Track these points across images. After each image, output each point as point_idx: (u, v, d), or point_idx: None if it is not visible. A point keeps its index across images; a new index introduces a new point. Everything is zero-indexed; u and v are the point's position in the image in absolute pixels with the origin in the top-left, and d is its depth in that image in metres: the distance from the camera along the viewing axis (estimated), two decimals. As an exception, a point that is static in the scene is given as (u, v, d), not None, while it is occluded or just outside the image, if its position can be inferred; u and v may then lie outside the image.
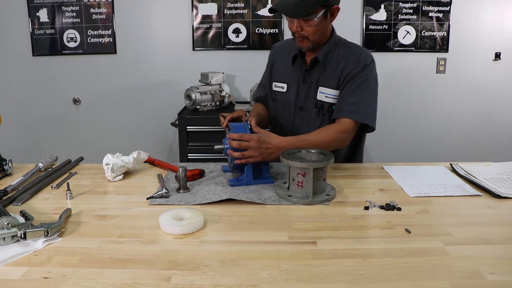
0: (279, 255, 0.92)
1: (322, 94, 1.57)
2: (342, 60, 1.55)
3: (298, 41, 1.52)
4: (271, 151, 1.34)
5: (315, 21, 1.44)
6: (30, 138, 3.31)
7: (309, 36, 1.48)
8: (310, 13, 1.42)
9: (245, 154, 1.32)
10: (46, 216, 1.12)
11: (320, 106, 1.57)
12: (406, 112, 3.23)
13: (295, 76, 1.63)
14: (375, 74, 1.58)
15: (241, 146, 1.32)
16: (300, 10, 1.41)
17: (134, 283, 0.81)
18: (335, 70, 1.55)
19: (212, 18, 3.07)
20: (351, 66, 1.52)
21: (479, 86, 3.18)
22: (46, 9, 3.07)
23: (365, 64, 1.52)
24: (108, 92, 3.23)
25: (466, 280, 0.82)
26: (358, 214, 1.14)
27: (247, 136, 1.32)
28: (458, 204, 1.21)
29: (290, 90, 1.64)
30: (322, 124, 1.58)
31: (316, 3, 1.40)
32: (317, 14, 1.42)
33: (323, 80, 1.57)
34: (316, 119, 1.59)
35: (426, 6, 3.04)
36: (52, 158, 1.57)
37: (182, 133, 2.70)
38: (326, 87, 1.56)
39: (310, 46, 1.51)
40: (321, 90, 1.57)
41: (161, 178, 1.40)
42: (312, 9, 1.41)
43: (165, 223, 1.03)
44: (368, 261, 0.89)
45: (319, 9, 1.42)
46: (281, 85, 1.67)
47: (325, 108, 1.57)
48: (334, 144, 1.47)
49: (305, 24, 1.46)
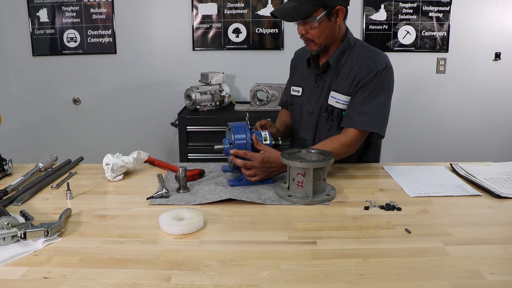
0: (279, 255, 0.92)
1: (333, 99, 1.53)
2: (356, 64, 1.50)
3: (307, 45, 1.53)
4: (274, 169, 1.35)
5: (316, 23, 1.43)
6: (30, 138, 3.31)
7: (314, 39, 1.47)
8: (308, 16, 1.41)
9: (250, 174, 1.33)
10: (46, 216, 1.12)
11: (330, 111, 1.54)
12: (406, 112, 3.22)
13: (309, 79, 1.63)
14: (389, 81, 1.51)
15: (246, 166, 1.32)
16: (297, 13, 1.41)
17: (134, 283, 0.81)
18: (348, 75, 1.51)
19: (212, 18, 3.07)
20: (363, 72, 1.48)
21: (479, 86, 3.18)
22: (46, 9, 3.07)
23: (378, 70, 1.46)
24: (108, 92, 3.23)
25: (466, 280, 0.82)
26: (358, 214, 1.14)
27: (251, 154, 1.33)
28: (458, 204, 1.21)
29: (304, 94, 1.64)
30: (331, 129, 1.56)
31: (315, 5, 1.40)
32: (317, 16, 1.41)
33: (336, 85, 1.54)
34: (325, 124, 1.57)
35: (426, 6, 3.04)
36: (52, 158, 1.57)
37: (182, 133, 2.70)
38: (338, 92, 1.52)
39: (318, 49, 1.50)
40: (332, 95, 1.54)
41: (161, 178, 1.40)
42: (310, 11, 1.40)
43: (165, 223, 1.03)
44: (368, 261, 0.89)
45: (320, 10, 1.41)
46: (297, 89, 1.67)
47: (335, 114, 1.54)
48: (339, 157, 1.44)
49: (307, 27, 1.45)
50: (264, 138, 1.40)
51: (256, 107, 2.82)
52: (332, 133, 1.55)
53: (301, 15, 1.41)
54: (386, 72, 1.48)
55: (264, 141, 1.39)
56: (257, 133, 1.40)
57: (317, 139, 1.59)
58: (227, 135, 1.41)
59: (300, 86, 1.66)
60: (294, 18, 1.43)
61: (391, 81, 1.52)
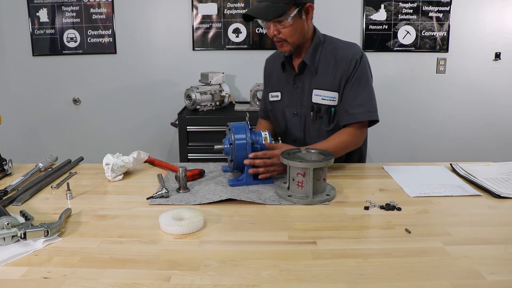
0: (279, 255, 0.92)
1: (318, 97, 1.56)
2: (332, 59, 1.54)
3: (279, 46, 1.52)
4: None
5: (290, 21, 1.43)
6: (30, 138, 3.31)
7: (287, 38, 1.47)
8: (282, 14, 1.41)
9: (270, 169, 1.35)
10: (46, 216, 1.12)
11: (317, 109, 1.56)
12: (406, 112, 3.23)
13: (287, 82, 1.63)
14: (368, 67, 1.56)
15: (266, 164, 1.34)
16: (271, 11, 1.42)
17: (134, 283, 0.81)
18: (327, 71, 1.54)
19: (212, 18, 3.07)
20: (343, 65, 1.51)
21: (479, 86, 3.18)
22: (46, 9, 3.07)
23: (356, 61, 1.51)
24: (108, 92, 3.23)
25: (466, 280, 0.82)
26: (358, 214, 1.14)
27: (270, 153, 1.36)
28: (458, 204, 1.21)
29: (284, 97, 1.65)
30: (321, 127, 1.58)
31: (288, 3, 1.40)
32: (291, 14, 1.42)
33: (317, 83, 1.55)
34: (314, 122, 1.59)
35: (426, 6, 3.04)
36: (52, 158, 1.57)
37: (182, 133, 2.70)
38: (322, 89, 1.55)
39: (291, 49, 1.51)
40: (316, 93, 1.56)
41: (161, 178, 1.40)
42: (284, 9, 1.41)
43: (165, 223, 1.03)
44: (368, 261, 0.89)
45: (292, 8, 1.42)
46: (276, 93, 1.68)
47: (323, 111, 1.56)
48: (349, 149, 1.52)
49: (280, 26, 1.45)
50: (264, 138, 1.40)
51: (256, 107, 2.82)
52: (323, 130, 1.58)
53: (276, 13, 1.41)
54: (363, 60, 1.54)
55: (264, 141, 1.39)
56: (257, 133, 1.41)
57: (307, 139, 1.61)
58: (227, 135, 1.41)
59: (278, 91, 1.67)
60: (269, 16, 1.43)
61: (369, 67, 1.58)
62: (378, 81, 3.14)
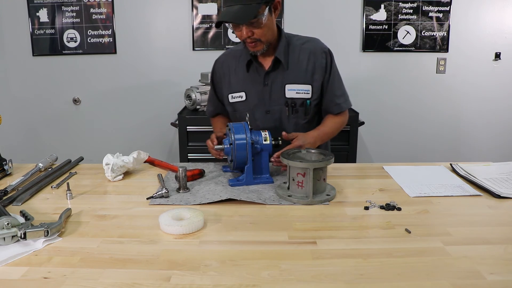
0: (279, 255, 0.92)
1: (292, 92, 1.56)
2: (301, 54, 1.55)
3: (251, 47, 1.48)
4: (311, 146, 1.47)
5: (264, 21, 1.41)
6: (30, 138, 3.31)
7: (261, 37, 1.45)
8: (257, 14, 1.39)
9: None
10: (46, 216, 1.12)
11: (292, 104, 1.56)
12: (406, 112, 3.23)
13: (254, 81, 1.59)
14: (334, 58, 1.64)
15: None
16: (246, 14, 1.37)
17: (134, 283, 0.81)
18: (298, 65, 1.54)
19: (212, 18, 3.07)
20: (319, 57, 1.56)
21: (479, 86, 3.18)
22: (46, 9, 3.07)
23: (326, 52, 1.58)
24: (108, 92, 3.23)
25: (466, 280, 0.82)
26: (358, 214, 1.14)
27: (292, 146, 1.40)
28: (458, 204, 1.21)
29: (251, 97, 1.60)
30: (297, 120, 1.59)
31: (259, 2, 1.38)
32: (264, 13, 1.40)
33: (289, 78, 1.55)
34: (290, 117, 1.58)
35: (426, 6, 3.04)
36: (52, 158, 1.57)
37: (182, 133, 2.70)
38: (296, 83, 1.55)
39: (264, 48, 1.49)
40: (289, 87, 1.56)
41: (161, 178, 1.40)
42: (257, 9, 1.38)
43: (165, 223, 1.03)
44: (368, 261, 0.89)
45: (263, 7, 1.40)
46: (239, 94, 1.62)
47: (298, 104, 1.57)
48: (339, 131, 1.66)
49: (254, 27, 1.42)
50: (264, 138, 1.40)
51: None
52: (300, 124, 1.60)
53: (250, 14, 1.37)
54: (330, 51, 1.61)
55: (264, 141, 1.39)
56: (257, 133, 1.40)
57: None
58: (227, 135, 1.41)
59: (241, 91, 1.61)
60: (245, 19, 1.38)
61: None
62: (378, 81, 3.16)
